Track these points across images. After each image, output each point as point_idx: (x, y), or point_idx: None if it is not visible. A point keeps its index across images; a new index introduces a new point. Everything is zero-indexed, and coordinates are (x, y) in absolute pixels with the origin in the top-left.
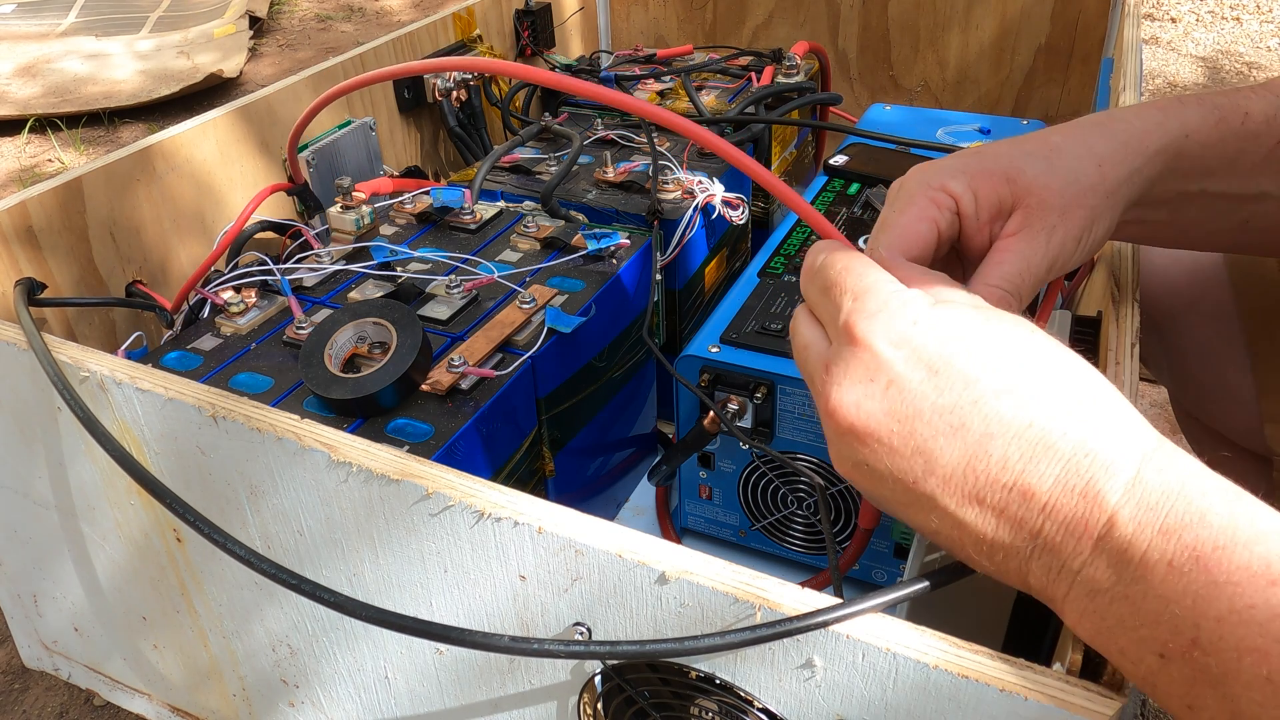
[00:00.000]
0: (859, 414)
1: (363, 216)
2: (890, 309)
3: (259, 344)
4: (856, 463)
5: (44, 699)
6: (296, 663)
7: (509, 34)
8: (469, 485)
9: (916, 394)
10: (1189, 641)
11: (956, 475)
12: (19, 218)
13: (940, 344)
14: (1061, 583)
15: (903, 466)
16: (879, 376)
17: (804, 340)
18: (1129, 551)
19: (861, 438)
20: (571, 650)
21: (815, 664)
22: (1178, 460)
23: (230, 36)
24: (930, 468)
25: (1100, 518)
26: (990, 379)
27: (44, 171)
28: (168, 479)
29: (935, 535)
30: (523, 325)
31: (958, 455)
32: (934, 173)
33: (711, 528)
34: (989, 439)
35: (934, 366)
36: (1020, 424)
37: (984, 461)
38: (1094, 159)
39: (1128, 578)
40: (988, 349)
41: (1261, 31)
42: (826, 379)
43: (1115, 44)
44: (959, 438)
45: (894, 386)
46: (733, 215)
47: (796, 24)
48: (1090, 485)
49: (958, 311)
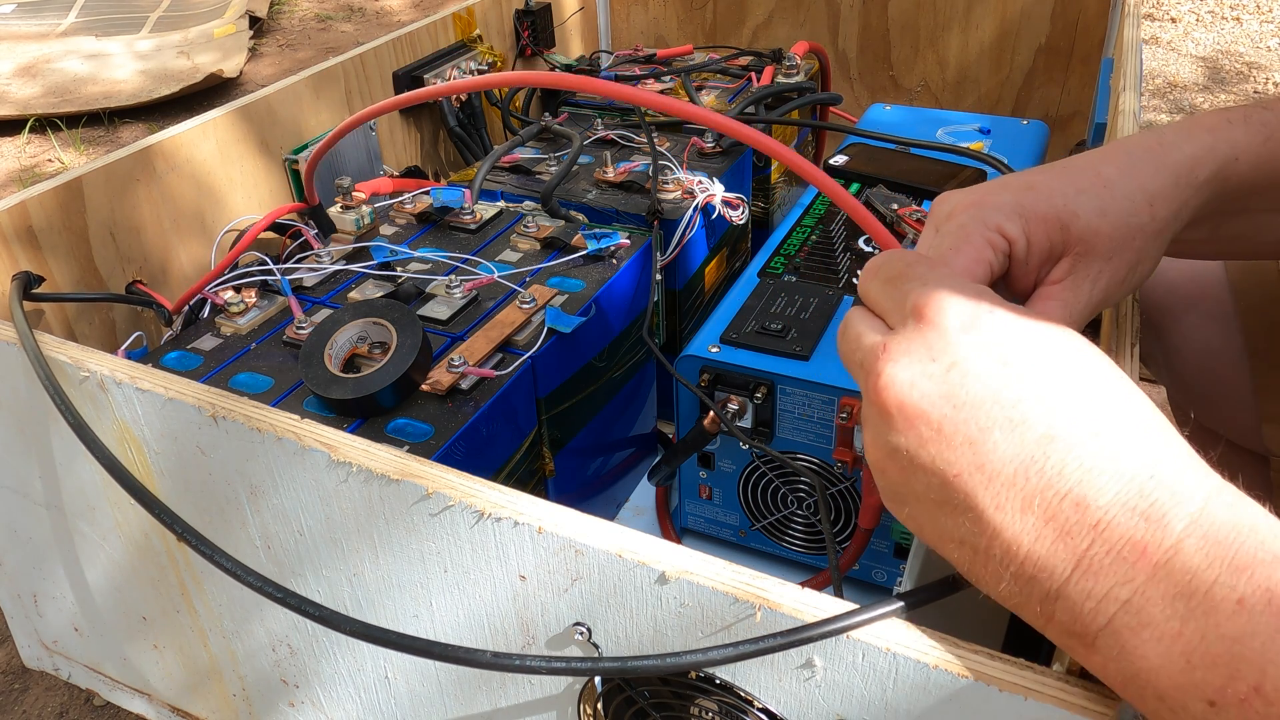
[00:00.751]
0: (912, 393)
1: (363, 216)
2: (966, 294)
3: (259, 344)
4: (894, 449)
5: (44, 699)
6: (296, 663)
7: (509, 34)
8: (469, 485)
9: (980, 381)
10: (1250, 688)
11: (1005, 473)
12: (19, 218)
13: (1012, 337)
14: (1100, 613)
15: (947, 456)
16: (942, 357)
17: (856, 331)
18: (1193, 583)
19: (909, 419)
20: (552, 667)
21: (815, 664)
22: (1245, 500)
23: (230, 36)
24: (978, 461)
25: (1162, 543)
26: (1061, 382)
27: (44, 171)
28: (168, 479)
29: (956, 544)
30: (523, 325)
31: (1012, 452)
32: (990, 212)
33: (711, 528)
34: (1049, 441)
35: (1004, 358)
36: (1085, 433)
37: (1040, 464)
38: (1145, 197)
39: (1185, 612)
40: (1060, 354)
41: (1261, 31)
42: (883, 355)
43: (1115, 44)
44: (1017, 433)
45: (956, 369)
46: (733, 215)
47: (796, 24)
48: (1154, 508)
49: (1030, 316)
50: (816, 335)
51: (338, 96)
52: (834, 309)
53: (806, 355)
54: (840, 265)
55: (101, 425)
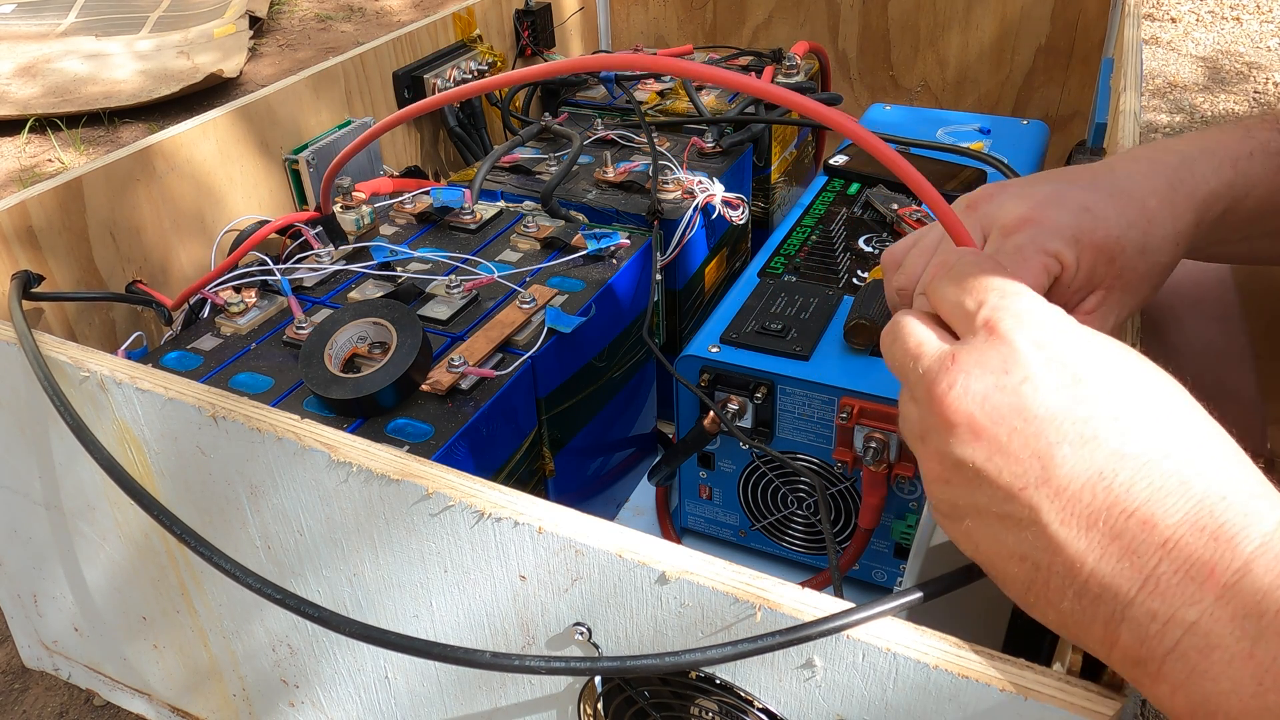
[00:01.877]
0: (984, 406)
1: (363, 216)
2: (1039, 311)
3: (259, 344)
4: (958, 461)
5: (44, 699)
6: (296, 662)
7: (509, 34)
8: (469, 485)
9: (1053, 396)
10: None
11: (1073, 489)
12: (19, 218)
13: (1086, 355)
14: (1166, 636)
15: (1015, 470)
16: (1015, 371)
17: (917, 338)
18: (1263, 603)
19: (978, 432)
20: (552, 667)
21: (815, 664)
22: None
23: (230, 36)
24: (1046, 475)
25: (1232, 563)
26: (1132, 402)
27: (44, 171)
28: (168, 479)
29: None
30: (523, 325)
31: (1081, 468)
32: (1049, 235)
33: (711, 528)
34: (1119, 459)
35: (1077, 375)
36: (1156, 453)
37: (1109, 480)
38: (1174, 235)
39: (1255, 633)
40: (1132, 376)
41: (1261, 31)
42: (953, 366)
43: (1115, 44)
44: (1088, 449)
45: (1029, 383)
46: (733, 215)
47: (796, 24)
48: (1224, 529)
49: (1102, 335)
50: (816, 335)
51: (338, 96)
52: (834, 309)
53: (806, 355)
54: (840, 265)
55: (101, 425)
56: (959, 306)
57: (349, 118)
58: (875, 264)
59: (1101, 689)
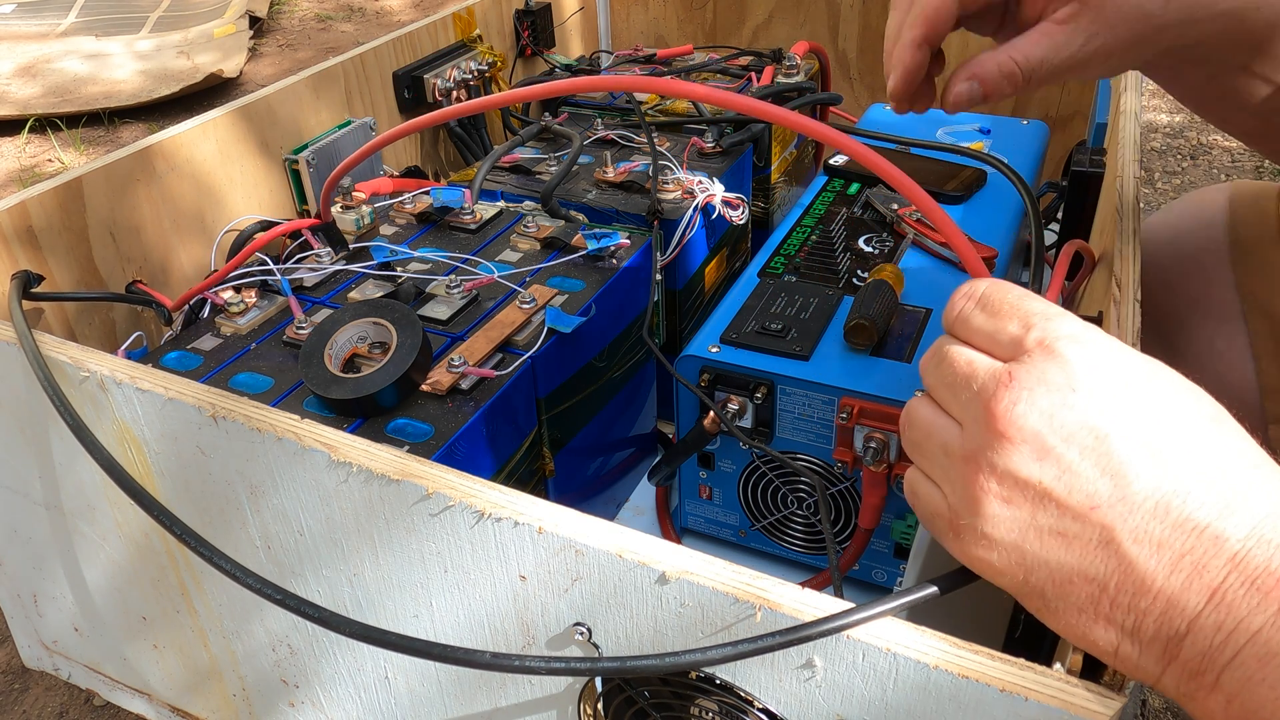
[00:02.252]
0: (1051, 424)
1: (363, 216)
2: (1091, 331)
3: (259, 344)
4: (1023, 479)
5: (44, 699)
6: (296, 662)
7: (509, 34)
8: (469, 485)
9: (1123, 413)
10: None
11: (1146, 506)
12: (19, 218)
13: (1140, 376)
14: (1229, 646)
15: (1086, 489)
16: (1082, 387)
17: (966, 359)
18: None
19: (1046, 449)
20: (552, 667)
21: (815, 664)
22: None
23: (230, 36)
24: (1121, 493)
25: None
26: (1189, 419)
27: (44, 171)
28: (168, 479)
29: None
30: (523, 325)
31: (1154, 484)
32: None
33: (711, 528)
34: (1187, 477)
35: (1140, 394)
36: (1217, 470)
37: (1180, 499)
38: None
39: None
40: (1181, 393)
41: None
42: (1012, 384)
43: None
44: (1160, 465)
45: (1096, 401)
46: (733, 215)
47: (796, 24)
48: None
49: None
50: (816, 335)
51: (338, 96)
52: (834, 309)
53: (806, 355)
54: (840, 265)
55: (101, 425)
56: (999, 333)
57: (349, 118)
58: (875, 264)
59: (1101, 689)
